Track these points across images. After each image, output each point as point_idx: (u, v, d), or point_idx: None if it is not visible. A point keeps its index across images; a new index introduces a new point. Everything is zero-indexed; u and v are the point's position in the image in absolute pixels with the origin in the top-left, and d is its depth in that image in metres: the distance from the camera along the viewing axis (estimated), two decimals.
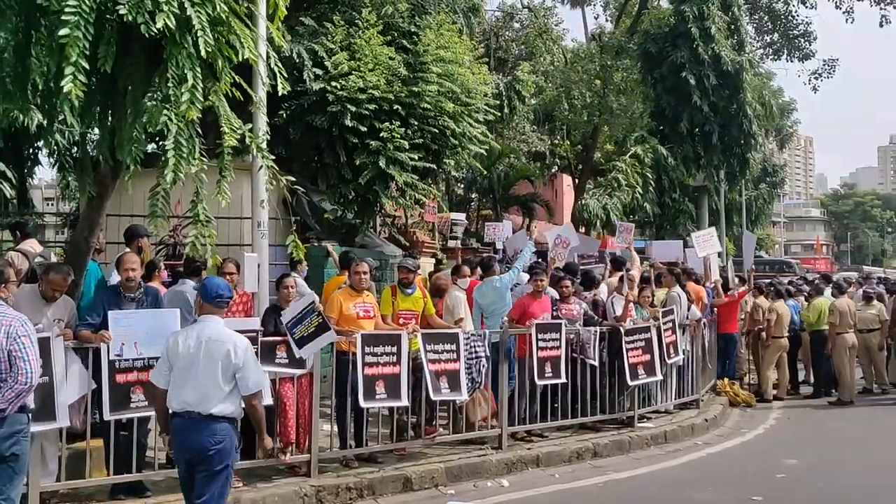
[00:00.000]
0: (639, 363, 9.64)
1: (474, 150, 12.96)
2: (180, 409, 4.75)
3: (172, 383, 4.82)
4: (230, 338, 4.83)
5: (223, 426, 4.73)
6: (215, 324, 4.90)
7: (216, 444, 4.69)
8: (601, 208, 18.69)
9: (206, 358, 4.73)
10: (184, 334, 4.94)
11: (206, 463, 4.71)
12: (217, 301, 4.94)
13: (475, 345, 8.07)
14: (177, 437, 4.80)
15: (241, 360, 4.75)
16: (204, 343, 4.78)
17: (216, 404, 4.70)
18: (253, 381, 4.82)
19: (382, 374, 7.30)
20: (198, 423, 4.69)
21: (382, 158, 11.48)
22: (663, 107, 21.19)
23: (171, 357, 4.84)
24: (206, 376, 4.71)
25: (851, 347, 12.59)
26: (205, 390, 4.70)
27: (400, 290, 8.22)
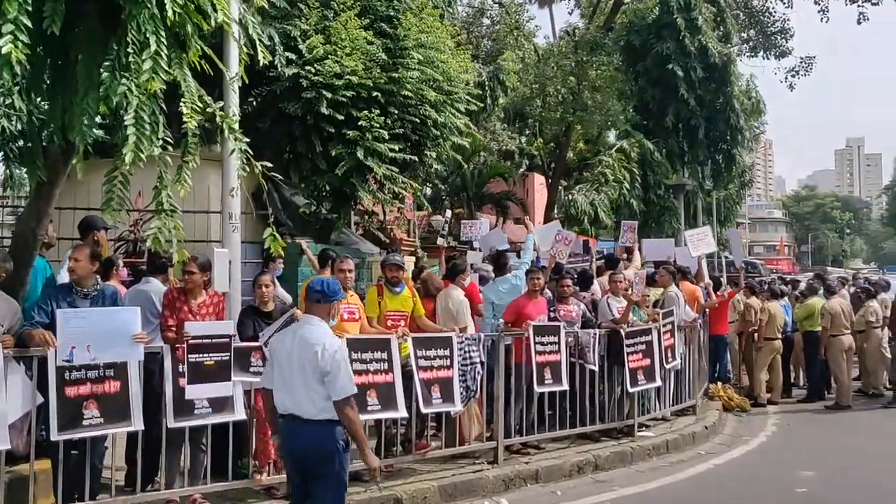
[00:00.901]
0: (639, 368, 9.01)
1: (456, 141, 12.24)
2: (284, 411, 4.67)
3: (275, 385, 4.72)
4: (321, 339, 4.62)
5: (324, 428, 4.54)
6: (312, 324, 4.73)
7: (318, 448, 4.55)
8: (588, 204, 18.05)
9: (299, 360, 4.60)
10: (284, 335, 4.88)
11: (313, 467, 4.58)
12: (309, 296, 4.84)
13: (469, 349, 7.35)
14: (284, 439, 4.73)
15: (327, 364, 4.53)
16: (297, 343, 4.65)
17: (312, 407, 4.55)
18: (339, 385, 4.54)
19: (374, 383, 6.54)
20: (299, 426, 4.58)
21: (360, 149, 10.75)
22: (647, 100, 20.63)
23: (273, 358, 4.78)
24: (299, 378, 4.59)
25: (847, 350, 12.11)
26: (300, 393, 4.59)
27: (387, 289, 7.47)
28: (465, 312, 7.93)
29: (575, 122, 26.87)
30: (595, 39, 25.94)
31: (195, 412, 5.86)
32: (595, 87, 26.21)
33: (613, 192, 18.54)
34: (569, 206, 18.92)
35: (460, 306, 7.88)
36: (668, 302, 10.06)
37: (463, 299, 7.99)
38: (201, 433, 6.04)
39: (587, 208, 18.20)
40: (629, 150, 19.43)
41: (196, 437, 6.03)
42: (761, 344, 12.58)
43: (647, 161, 19.91)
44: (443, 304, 7.91)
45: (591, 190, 18.89)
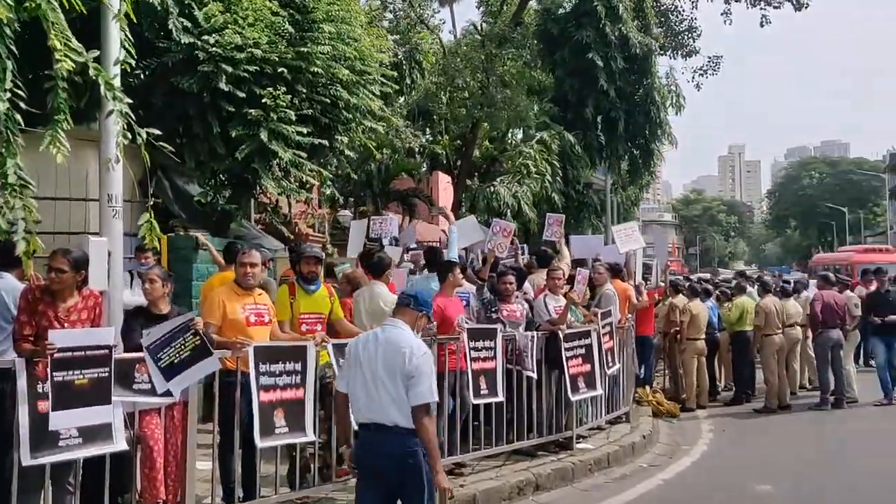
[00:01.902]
0: (579, 374, 8.20)
1: (370, 125, 11.17)
2: (364, 420, 4.45)
3: (353, 392, 4.51)
4: (408, 342, 4.46)
5: (409, 438, 4.31)
6: (397, 328, 4.56)
7: (403, 455, 4.32)
8: (511, 196, 17.22)
9: (384, 364, 4.41)
10: (366, 337, 4.67)
11: (398, 478, 4.36)
12: (407, 303, 4.67)
13: None
14: (361, 449, 4.50)
15: (414, 367, 4.34)
16: (382, 346, 4.46)
17: (398, 414, 4.33)
18: (420, 390, 4.32)
19: (283, 400, 5.45)
20: (383, 435, 4.35)
21: (264, 131, 9.54)
22: (565, 91, 19.96)
23: (353, 363, 4.56)
24: (385, 384, 4.38)
25: (779, 350, 11.71)
26: (385, 399, 4.37)
27: (300, 287, 6.36)
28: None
29: (482, 119, 26.19)
30: (503, 34, 25.36)
31: (60, 444, 4.58)
32: (504, 81, 25.63)
33: (536, 185, 17.77)
34: (490, 198, 18.02)
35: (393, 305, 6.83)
36: (605, 301, 9.31)
37: (395, 298, 6.95)
38: (68, 470, 4.78)
39: (510, 201, 17.37)
40: (549, 141, 18.69)
41: (61, 476, 4.76)
42: (684, 345, 12.06)
43: (567, 154, 19.25)
44: (368, 304, 6.85)
45: (514, 182, 18.06)
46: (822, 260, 35.85)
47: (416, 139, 27.26)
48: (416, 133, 27.49)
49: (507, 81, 25.37)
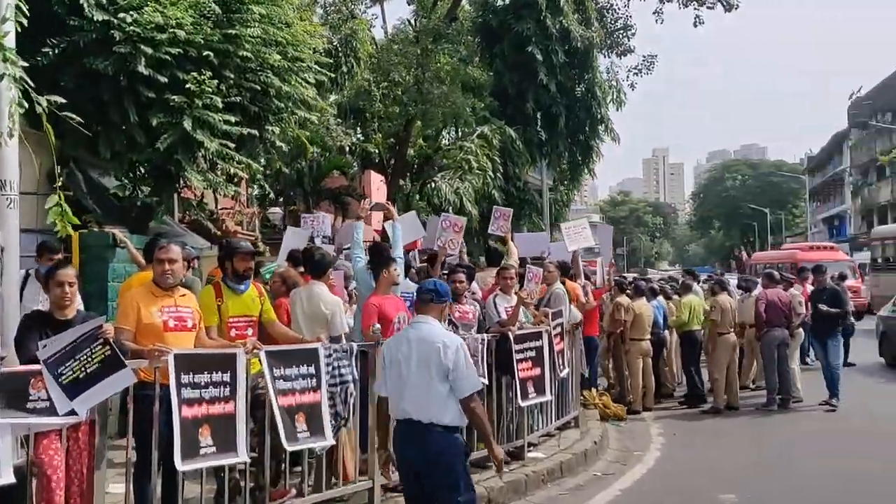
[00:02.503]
0: (529, 378, 7.71)
1: (303, 115, 10.50)
2: (401, 416, 4.49)
3: (391, 391, 4.57)
4: (440, 337, 4.50)
5: (445, 434, 4.36)
6: (427, 324, 4.59)
7: (438, 454, 4.36)
8: (453, 192, 16.63)
9: (419, 361, 4.44)
10: (397, 338, 4.74)
11: (431, 475, 4.38)
12: (421, 297, 4.68)
13: (339, 364, 5.70)
14: (399, 447, 4.53)
15: (451, 361, 4.37)
16: (415, 345, 4.49)
17: (435, 410, 4.36)
18: (464, 382, 4.39)
19: (209, 416, 4.77)
20: (418, 432, 4.38)
21: (187, 119, 8.81)
22: (505, 85, 19.44)
23: (390, 364, 4.58)
24: (420, 381, 4.41)
25: (733, 349, 11.49)
26: (421, 396, 4.40)
27: (227, 287, 5.68)
28: (342, 318, 6.26)
29: (416, 116, 25.60)
30: (438, 30, 24.83)
31: None
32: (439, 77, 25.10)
33: (477, 181, 17.23)
34: (431, 194, 17.39)
35: (335, 308, 6.21)
36: (556, 300, 8.86)
37: (337, 299, 6.33)
38: None
39: (452, 197, 16.79)
40: (490, 136, 18.17)
41: None
42: (628, 345, 11.73)
43: (508, 150, 18.76)
44: (306, 306, 6.20)
45: (455, 178, 17.48)
46: (761, 258, 35.30)
47: (348, 137, 26.54)
48: (347, 131, 26.78)
49: (443, 77, 24.91)
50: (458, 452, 4.41)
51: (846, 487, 7.35)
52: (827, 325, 11.67)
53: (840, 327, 11.97)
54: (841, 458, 8.44)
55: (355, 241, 7.57)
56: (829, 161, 73.59)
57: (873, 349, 16.03)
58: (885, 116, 55.38)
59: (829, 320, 11.63)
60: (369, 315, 6.60)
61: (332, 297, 6.30)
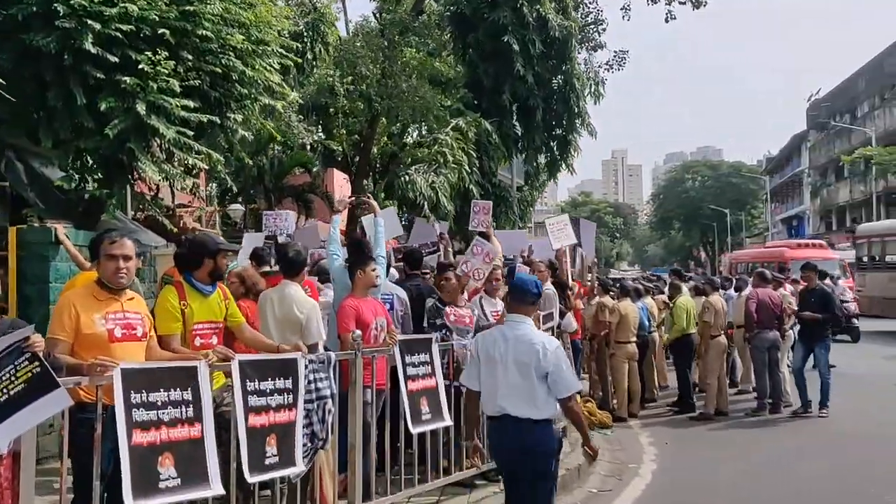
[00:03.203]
0: None
1: (268, 102, 9.71)
2: (496, 412, 4.58)
3: (484, 386, 4.65)
4: (539, 338, 4.58)
5: (540, 429, 4.47)
6: (524, 324, 4.63)
7: (534, 448, 4.47)
8: (429, 186, 15.82)
9: (517, 360, 4.50)
10: (491, 335, 4.74)
11: (526, 468, 4.50)
12: (521, 297, 4.68)
13: (317, 377, 4.95)
14: (494, 441, 4.71)
15: (551, 364, 4.46)
16: (512, 344, 4.54)
17: (532, 407, 4.45)
18: (564, 384, 4.47)
19: (171, 443, 3.99)
20: (514, 427, 4.48)
21: (140, 103, 7.98)
22: (479, 76, 18.66)
23: (484, 360, 4.64)
24: (517, 379, 4.49)
25: (724, 352, 10.96)
26: (517, 393, 4.49)
27: (192, 289, 4.90)
28: (318, 322, 5.51)
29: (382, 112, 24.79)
30: (404, 22, 24.06)
31: None
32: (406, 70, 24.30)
33: (453, 176, 16.45)
34: (405, 188, 16.56)
35: (311, 312, 5.45)
36: (547, 302, 8.18)
37: (312, 302, 5.58)
38: None
39: (427, 191, 15.99)
40: (466, 129, 17.40)
41: None
42: (613, 349, 11.14)
43: (484, 144, 17.98)
44: (278, 310, 5.45)
45: (430, 171, 16.67)
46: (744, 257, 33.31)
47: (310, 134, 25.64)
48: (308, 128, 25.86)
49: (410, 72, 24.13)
50: (552, 443, 4.57)
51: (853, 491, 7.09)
52: (816, 329, 10.98)
53: (829, 332, 11.38)
54: (841, 464, 8.17)
55: (331, 236, 6.84)
56: (787, 162, 74.47)
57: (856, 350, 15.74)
58: (843, 118, 56.00)
59: (817, 325, 10.95)
60: (347, 319, 5.88)
61: (308, 300, 5.57)
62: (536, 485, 4.49)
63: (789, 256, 23.77)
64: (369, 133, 26.10)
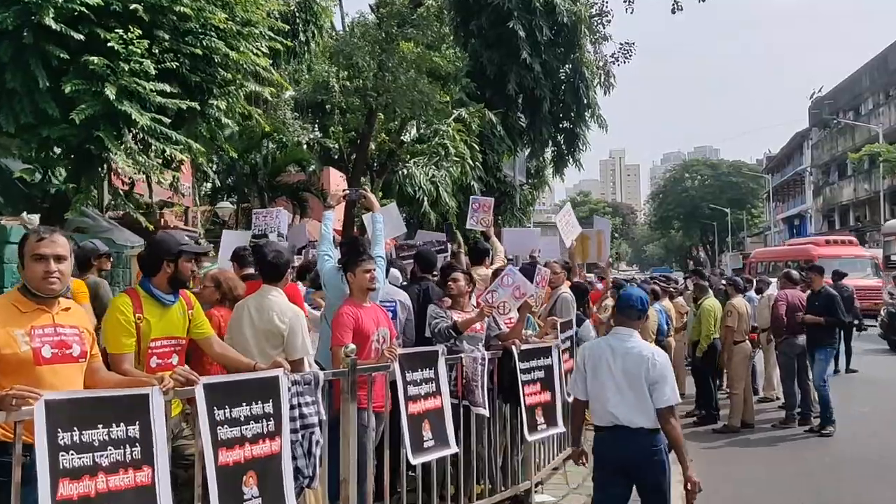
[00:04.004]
0: (538, 405, 6.20)
1: (254, 89, 8.89)
2: (607, 423, 4.66)
3: (593, 396, 4.75)
4: (648, 350, 4.71)
5: (653, 438, 4.59)
6: (633, 337, 4.72)
7: (649, 456, 4.59)
8: (429, 181, 14.88)
9: (627, 372, 4.61)
10: (599, 346, 4.82)
11: (644, 473, 4.63)
12: (628, 312, 4.77)
13: (302, 401, 4.11)
14: (604, 450, 4.73)
15: (658, 373, 4.57)
16: (620, 356, 4.64)
17: (643, 417, 4.57)
18: (666, 396, 4.55)
19: (110, 494, 3.14)
20: (628, 437, 4.58)
21: (111, 87, 7.19)
22: (483, 65, 17.67)
23: (590, 369, 4.75)
24: (628, 391, 4.59)
25: (749, 358, 10.14)
26: (630, 405, 4.59)
27: (150, 298, 4.04)
28: (304, 334, 4.67)
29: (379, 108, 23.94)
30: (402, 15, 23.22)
31: None
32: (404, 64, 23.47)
33: (456, 170, 15.51)
34: (404, 182, 15.60)
35: (295, 322, 4.61)
36: (564, 307, 7.35)
37: (297, 310, 4.74)
38: None
39: (427, 186, 15.04)
40: (469, 120, 16.45)
41: None
42: None
43: (487, 137, 17.02)
44: (257, 320, 4.60)
45: (430, 165, 15.72)
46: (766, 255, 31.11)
47: (306, 132, 24.82)
48: (304, 126, 25.04)
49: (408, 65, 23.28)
50: (663, 449, 4.63)
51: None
52: (819, 334, 9.90)
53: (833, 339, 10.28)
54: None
55: (323, 235, 6.02)
56: (788, 161, 73.71)
57: None
58: (846, 115, 55.22)
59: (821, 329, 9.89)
60: (342, 329, 5.05)
61: (291, 308, 4.72)
62: (651, 493, 4.64)
63: (816, 254, 22.03)
64: (366, 129, 25.26)
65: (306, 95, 24.24)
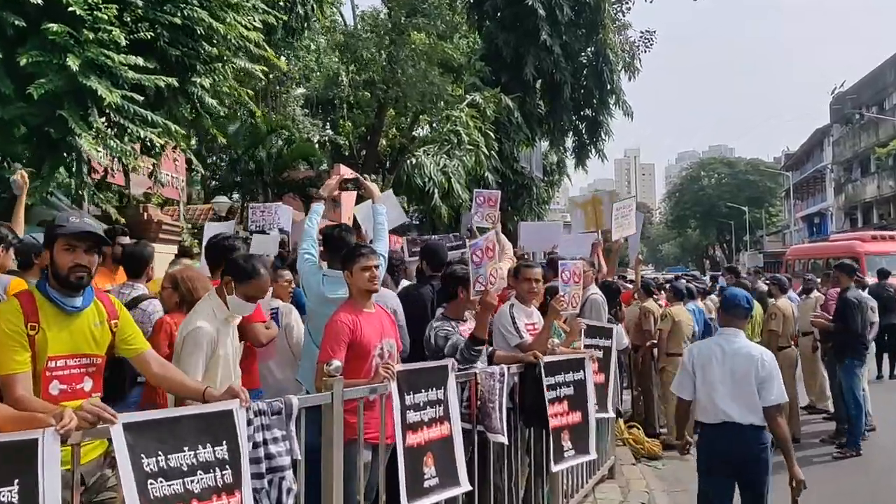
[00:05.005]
0: (564, 428, 5.22)
1: (244, 66, 7.96)
2: (716, 420, 4.78)
3: (702, 395, 4.86)
4: (758, 350, 4.87)
5: (761, 434, 4.72)
6: (739, 338, 4.89)
7: (756, 453, 4.71)
8: (439, 170, 13.78)
9: (736, 371, 4.74)
10: (707, 347, 4.98)
11: (750, 470, 4.73)
12: (735, 312, 4.94)
13: (267, 437, 3.15)
14: (713, 447, 4.83)
15: (767, 372, 4.72)
16: (730, 356, 4.79)
17: (752, 414, 4.70)
18: (774, 394, 4.71)
19: None
20: (738, 434, 4.71)
21: (74, 59, 6.27)
22: (499, 48, 16.52)
23: (698, 369, 4.87)
24: (740, 388, 4.73)
25: (794, 366, 9.13)
26: (741, 402, 4.72)
27: (48, 302, 3.07)
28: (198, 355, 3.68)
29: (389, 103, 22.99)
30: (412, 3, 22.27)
31: None
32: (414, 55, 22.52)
33: (469, 159, 14.40)
34: (413, 173, 14.49)
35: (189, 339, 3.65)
36: (595, 310, 6.37)
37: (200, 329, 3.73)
38: None
39: (438, 177, 13.92)
40: (484, 105, 15.34)
41: None
42: (664, 362, 9.33)
43: (503, 124, 15.89)
44: None
45: (441, 154, 14.61)
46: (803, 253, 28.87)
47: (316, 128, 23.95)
48: (314, 122, 24.18)
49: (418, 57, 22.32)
50: (768, 447, 4.72)
51: None
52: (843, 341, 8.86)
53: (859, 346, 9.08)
54: None
55: (306, 230, 5.07)
56: (808, 158, 72.23)
57: None
58: (869, 110, 53.76)
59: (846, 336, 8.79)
60: (334, 341, 4.10)
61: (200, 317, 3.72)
62: (757, 487, 4.72)
63: (862, 251, 19.76)
64: (377, 124, 24.35)
65: (317, 92, 23.37)
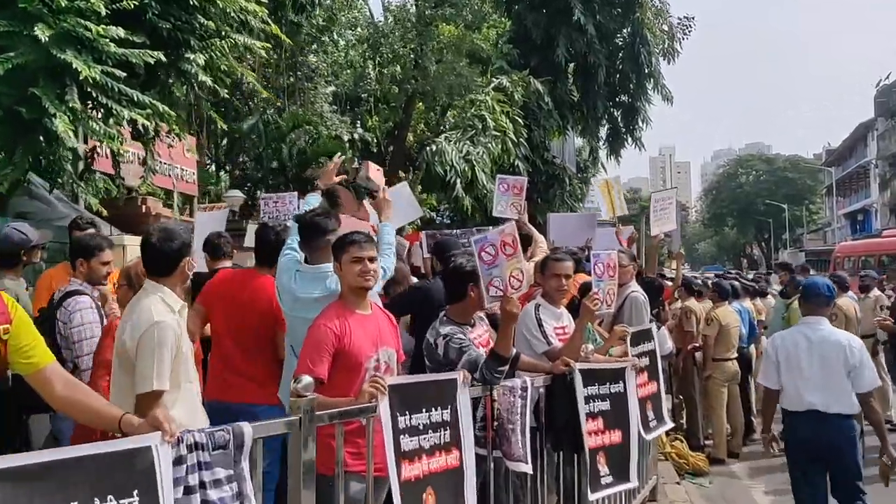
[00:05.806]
0: (601, 449, 4.40)
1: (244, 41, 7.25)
2: (803, 409, 4.77)
3: (788, 384, 4.85)
4: (845, 338, 4.86)
5: (848, 422, 4.71)
6: (824, 324, 4.90)
7: (846, 441, 4.69)
8: (462, 158, 12.86)
9: (823, 359, 4.74)
10: (792, 336, 4.98)
11: (837, 458, 4.71)
12: (817, 300, 4.95)
13: (208, 478, 2.38)
14: (800, 436, 4.82)
15: (857, 360, 4.71)
16: (817, 344, 4.79)
17: (838, 403, 4.69)
18: (867, 380, 4.73)
19: None
20: (825, 422, 4.69)
21: (45, 29, 5.61)
22: (528, 29, 15.59)
23: (783, 359, 4.88)
24: (827, 377, 4.72)
25: None
26: (828, 390, 4.70)
27: None
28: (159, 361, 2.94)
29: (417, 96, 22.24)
30: None
31: None
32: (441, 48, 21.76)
33: (495, 146, 13.47)
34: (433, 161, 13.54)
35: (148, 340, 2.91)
36: (636, 311, 5.52)
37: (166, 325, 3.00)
38: None
39: (461, 165, 12.95)
40: (511, 89, 14.43)
41: None
42: (710, 369, 8.46)
43: (532, 110, 14.97)
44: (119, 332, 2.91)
45: (465, 140, 13.67)
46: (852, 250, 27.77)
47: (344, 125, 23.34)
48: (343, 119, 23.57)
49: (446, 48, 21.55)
50: (857, 436, 4.75)
51: None
52: None
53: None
54: None
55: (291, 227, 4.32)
56: (851, 153, 70.30)
57: None
58: None
59: None
60: (315, 351, 3.35)
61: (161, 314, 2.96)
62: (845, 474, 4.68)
63: None
64: (404, 119, 23.61)
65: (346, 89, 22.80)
